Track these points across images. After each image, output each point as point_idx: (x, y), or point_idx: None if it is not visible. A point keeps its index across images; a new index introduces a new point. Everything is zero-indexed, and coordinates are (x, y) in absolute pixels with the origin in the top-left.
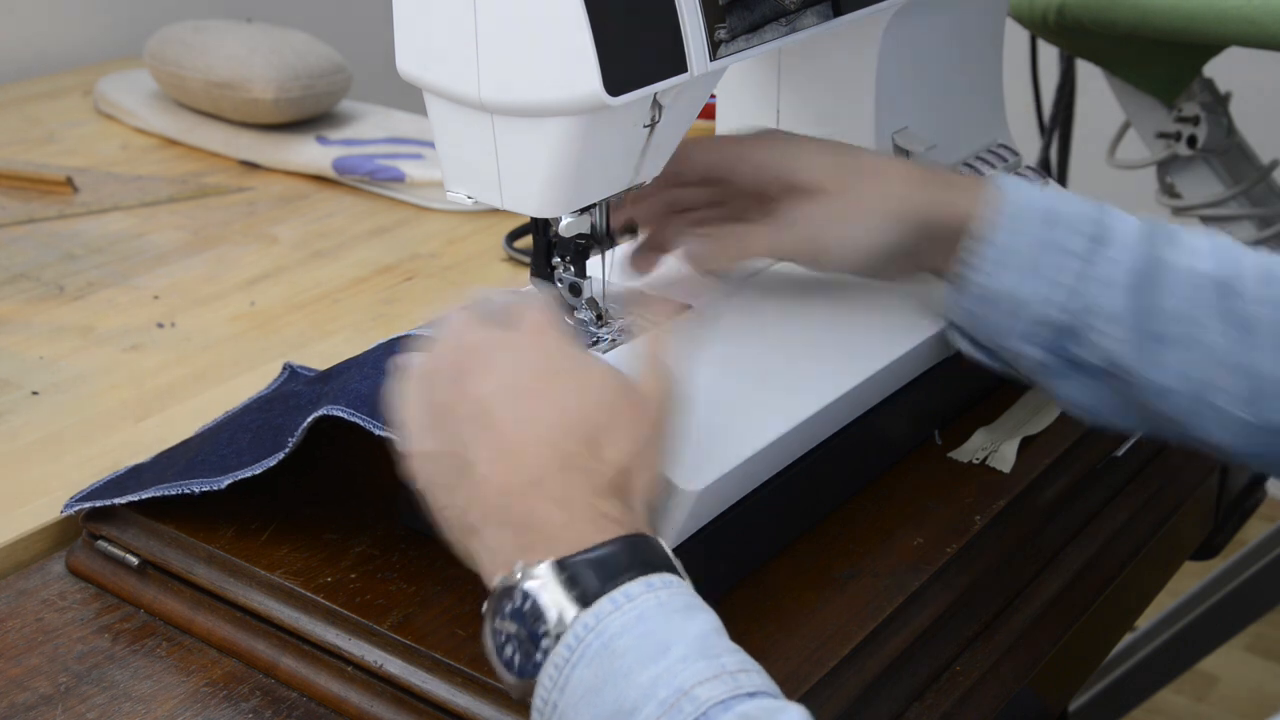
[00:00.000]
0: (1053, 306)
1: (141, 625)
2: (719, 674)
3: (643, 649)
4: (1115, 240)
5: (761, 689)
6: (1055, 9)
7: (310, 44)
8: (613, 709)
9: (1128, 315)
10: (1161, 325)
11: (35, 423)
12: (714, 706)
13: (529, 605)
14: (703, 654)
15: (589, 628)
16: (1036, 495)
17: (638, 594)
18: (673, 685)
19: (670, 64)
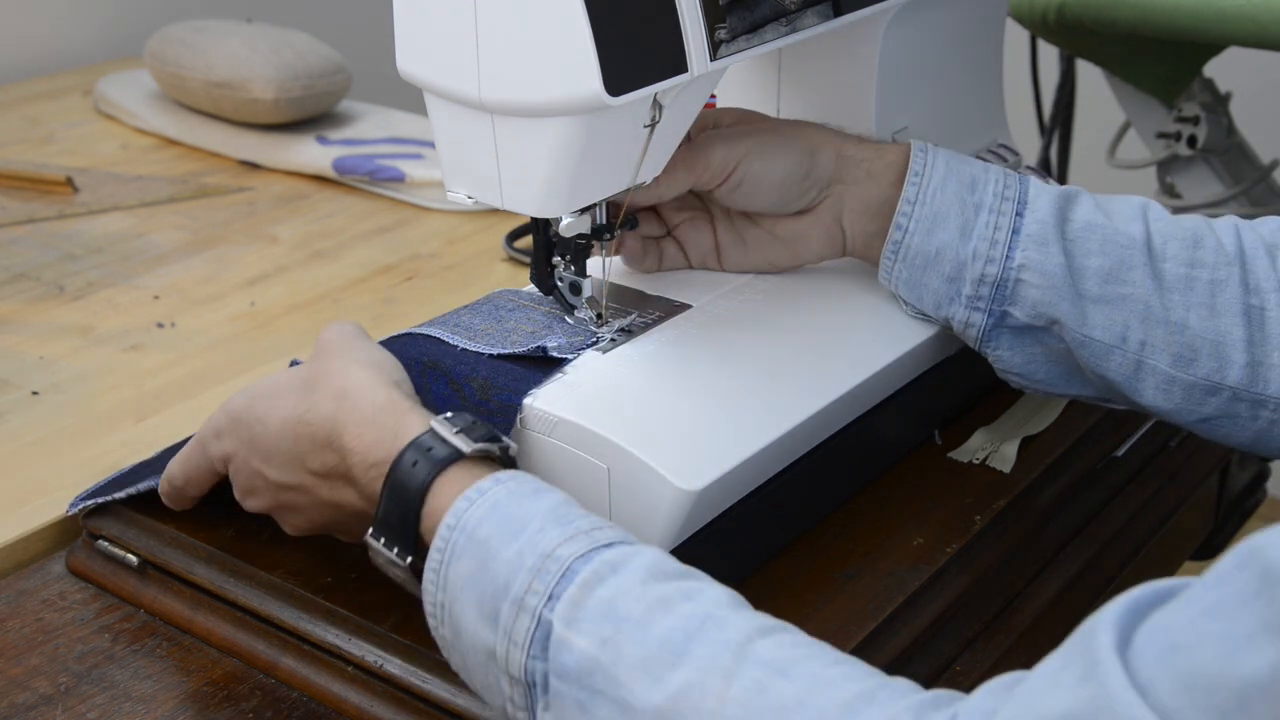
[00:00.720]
0: (991, 263)
1: (141, 625)
2: (574, 534)
3: (504, 530)
4: (1038, 204)
5: (616, 539)
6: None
7: (310, 44)
8: (491, 588)
9: (1060, 272)
10: (1093, 285)
11: (35, 423)
12: (576, 560)
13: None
14: (557, 521)
15: (451, 527)
16: (1036, 495)
17: (488, 488)
18: (536, 552)
19: (670, 64)
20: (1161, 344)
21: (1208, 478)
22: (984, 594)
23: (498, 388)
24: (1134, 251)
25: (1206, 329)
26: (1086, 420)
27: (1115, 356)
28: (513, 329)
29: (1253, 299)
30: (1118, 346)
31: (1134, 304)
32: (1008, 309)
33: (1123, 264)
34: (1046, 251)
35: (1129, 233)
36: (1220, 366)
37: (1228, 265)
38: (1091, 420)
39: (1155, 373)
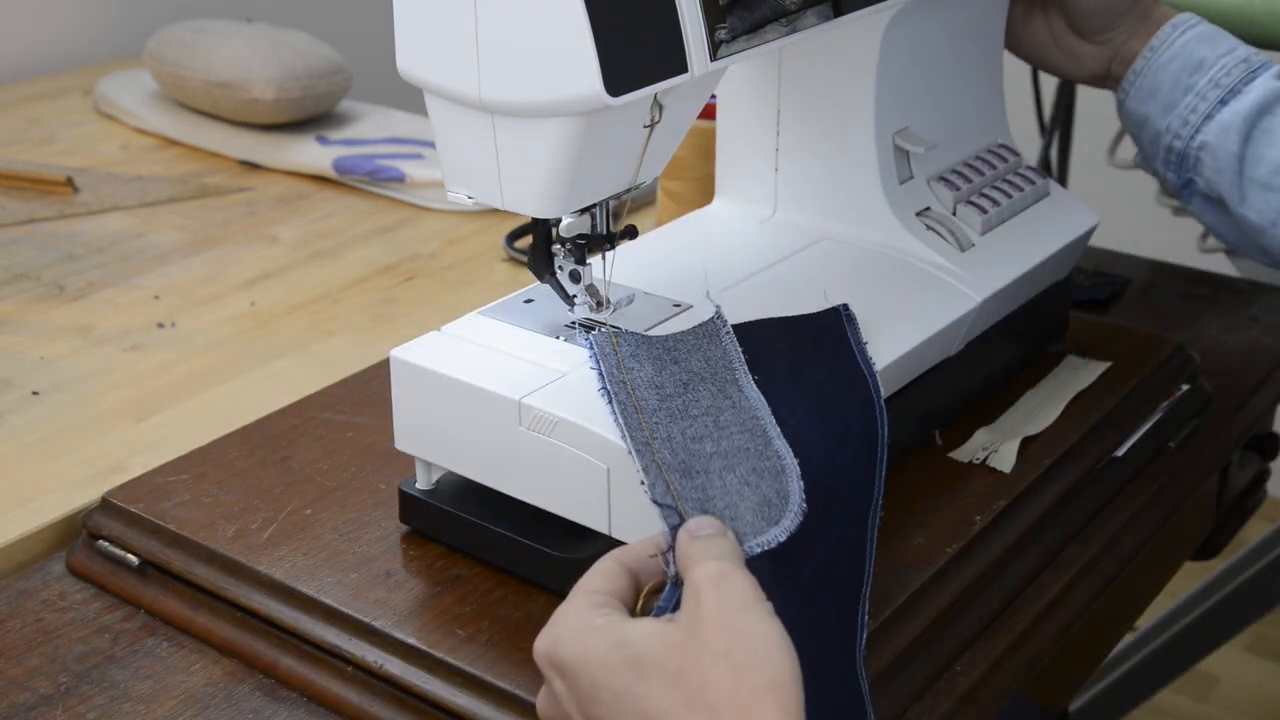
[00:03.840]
0: (1179, 138)
1: (141, 625)
2: None
3: None
4: (1246, 98)
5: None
6: None
7: (310, 44)
8: None
9: (1228, 156)
10: (1264, 173)
11: (35, 423)
12: None
13: None
14: None
15: None
16: (1036, 495)
17: None
18: None
19: (670, 64)
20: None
21: (1208, 478)
22: (984, 594)
23: None
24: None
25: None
26: (1086, 420)
27: (1268, 236)
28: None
29: None
30: (1268, 229)
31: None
32: (1192, 177)
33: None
34: (1226, 138)
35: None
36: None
37: None
38: (1091, 420)
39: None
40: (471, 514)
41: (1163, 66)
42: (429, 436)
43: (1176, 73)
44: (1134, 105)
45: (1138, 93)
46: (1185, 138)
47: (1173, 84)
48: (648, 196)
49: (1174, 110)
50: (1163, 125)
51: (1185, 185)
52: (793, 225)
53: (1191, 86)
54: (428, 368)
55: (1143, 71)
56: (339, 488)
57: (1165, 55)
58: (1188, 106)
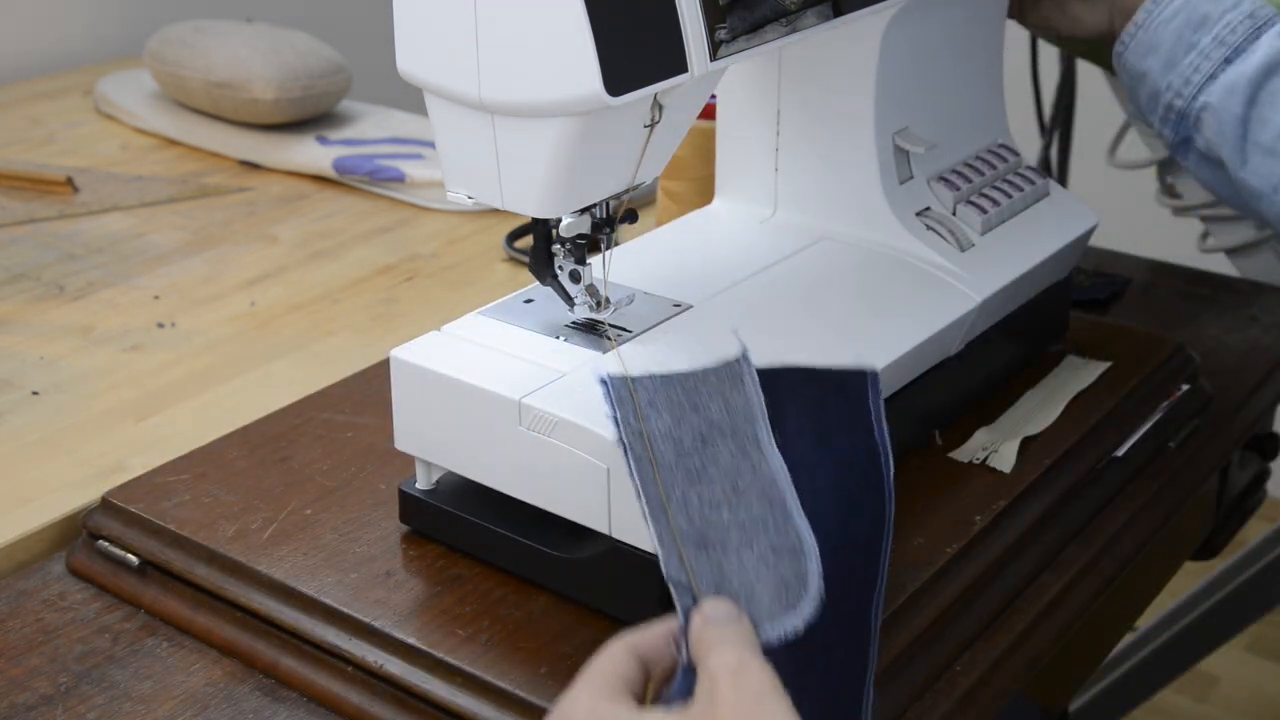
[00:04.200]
0: (1180, 97)
1: (141, 625)
2: None
3: None
4: (1251, 58)
5: None
6: None
7: (310, 44)
8: None
9: (1231, 119)
10: (1268, 137)
11: (35, 423)
12: None
13: None
14: None
15: None
16: (1036, 495)
17: None
18: None
19: (670, 64)
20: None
21: (1208, 478)
22: (984, 594)
23: None
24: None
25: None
26: (1086, 420)
27: (1266, 201)
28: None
29: None
30: (1268, 194)
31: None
32: (1190, 135)
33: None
34: (1230, 99)
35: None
36: None
37: None
38: (1091, 420)
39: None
40: (471, 514)
41: (1165, 22)
42: (429, 436)
43: (1179, 29)
44: (1133, 60)
45: (1138, 47)
46: (1187, 97)
47: (1174, 40)
48: (648, 196)
49: (1175, 68)
50: (1163, 83)
51: (1182, 143)
52: (793, 225)
53: (1194, 44)
54: (428, 368)
55: (1144, 25)
56: (339, 488)
57: (1168, 9)
58: (1190, 65)
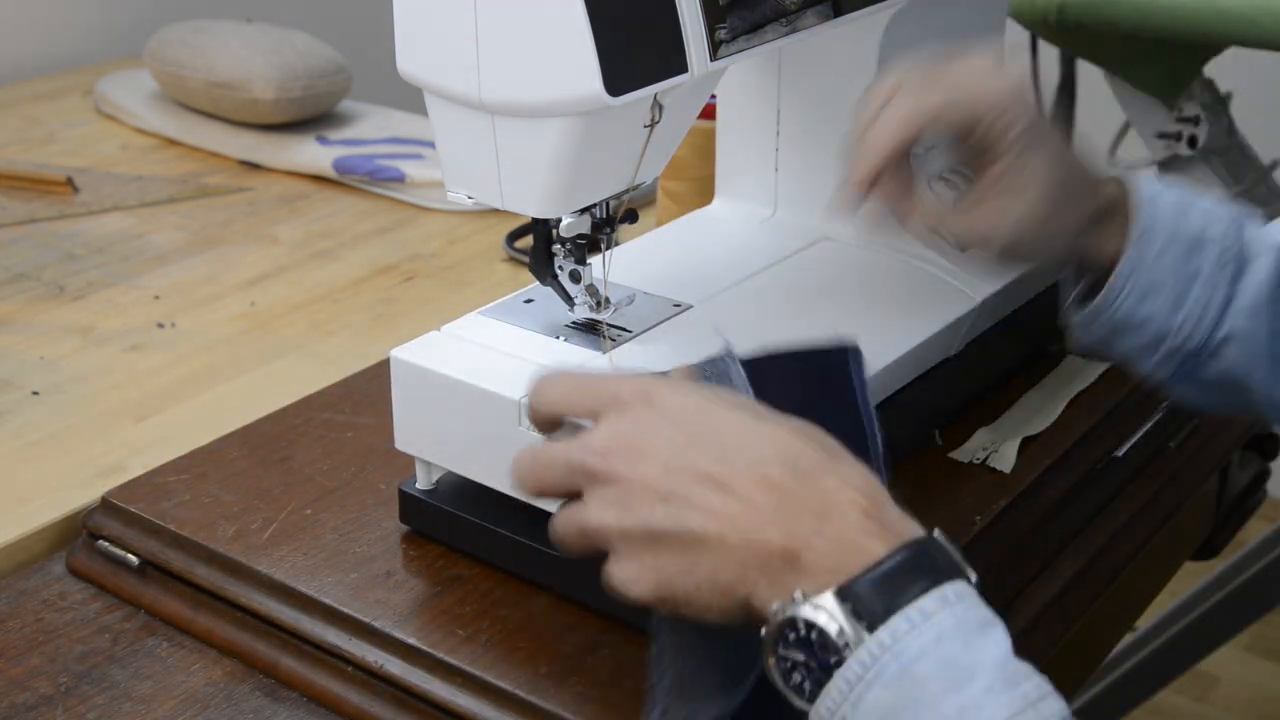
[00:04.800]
0: (1194, 337)
1: (141, 625)
2: (1024, 708)
3: (945, 676)
4: (1256, 265)
5: (1060, 715)
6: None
7: (311, 44)
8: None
9: (1262, 341)
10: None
11: (35, 423)
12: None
13: (815, 635)
14: (1006, 684)
15: (885, 647)
16: (1036, 495)
17: (933, 611)
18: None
19: (670, 64)
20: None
21: (1208, 478)
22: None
23: None
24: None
25: None
26: (1086, 420)
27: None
28: None
29: None
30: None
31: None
32: (1199, 367)
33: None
34: (1255, 324)
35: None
36: None
37: None
38: (1091, 420)
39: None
40: (471, 514)
41: (1159, 256)
42: (429, 436)
43: (1176, 261)
44: (1129, 310)
45: (1133, 294)
46: (1204, 331)
47: (1175, 274)
48: (648, 196)
49: (1183, 305)
50: (1171, 324)
51: (1185, 377)
52: (793, 225)
53: (1197, 272)
54: (428, 368)
55: (1136, 269)
56: (339, 488)
57: (1158, 243)
58: (1200, 297)
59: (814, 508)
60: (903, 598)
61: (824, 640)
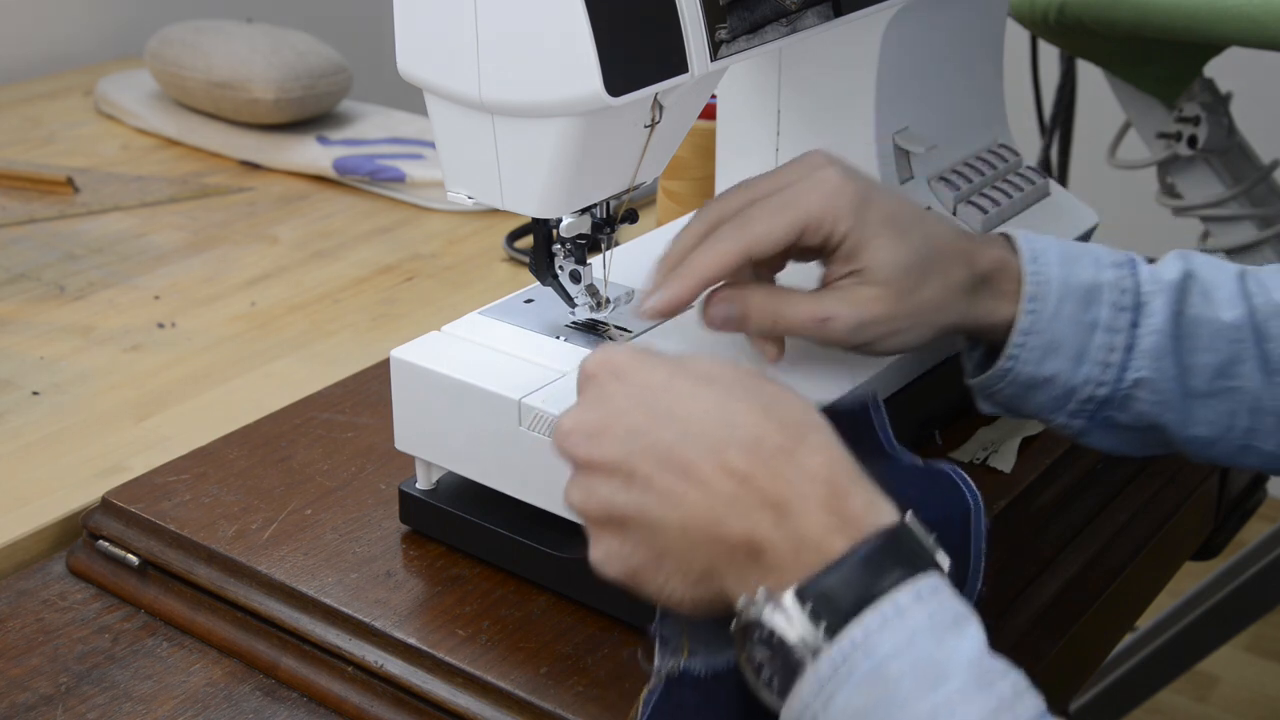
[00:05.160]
0: (1102, 386)
1: (141, 625)
2: (998, 708)
3: (918, 676)
4: (1153, 307)
5: (1035, 712)
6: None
7: (311, 44)
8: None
9: (1169, 381)
10: (1199, 381)
11: (35, 423)
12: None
13: (776, 640)
14: (980, 684)
15: (856, 644)
16: (1036, 495)
17: (907, 606)
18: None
19: (671, 64)
20: (1270, 429)
21: (1208, 478)
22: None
23: None
24: (1244, 344)
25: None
26: None
27: (1219, 446)
28: None
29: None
30: (1222, 437)
31: (1242, 396)
32: (1112, 414)
33: (1233, 359)
34: (1160, 366)
35: (1235, 321)
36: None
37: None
38: None
39: (1260, 453)
40: (471, 514)
41: (1055, 313)
42: (429, 436)
43: (1073, 315)
44: (1030, 370)
45: (1033, 355)
46: (1111, 381)
47: (1074, 328)
48: (648, 196)
49: (1086, 358)
50: (1077, 378)
51: (1098, 427)
52: None
53: (1095, 322)
54: (428, 368)
55: (1033, 329)
56: (339, 488)
57: (1052, 299)
58: (1102, 347)
59: (772, 499)
60: (872, 591)
61: (784, 645)
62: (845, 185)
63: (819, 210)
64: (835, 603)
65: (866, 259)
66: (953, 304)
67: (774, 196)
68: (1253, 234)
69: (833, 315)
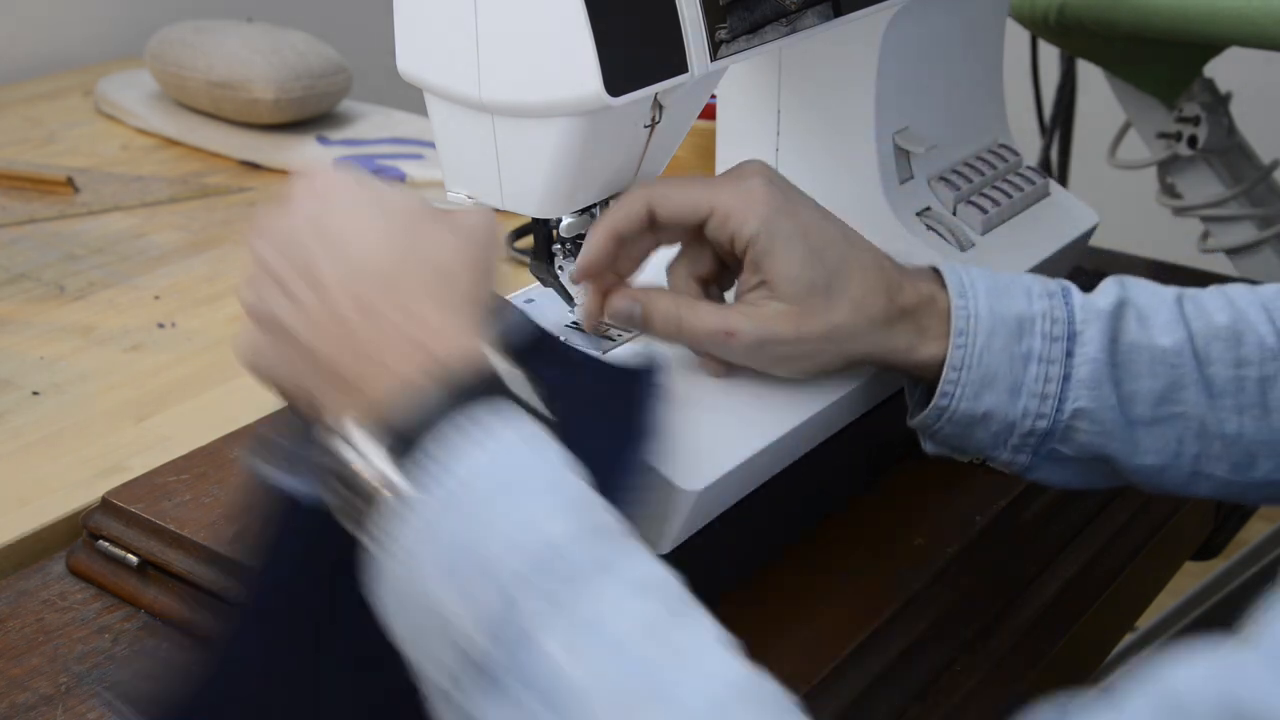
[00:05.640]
0: (1041, 419)
1: (141, 625)
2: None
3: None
4: (1086, 335)
5: None
6: (1056, 9)
7: (311, 44)
8: (473, 557)
9: (1110, 410)
10: (1141, 409)
11: (35, 423)
12: None
13: (347, 473)
14: (569, 506)
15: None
16: (1036, 495)
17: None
18: (538, 539)
19: (671, 64)
20: (1218, 454)
21: None
22: (984, 594)
23: None
24: (1184, 369)
25: (1262, 431)
26: None
27: (1169, 473)
28: None
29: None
30: (1171, 464)
31: (1187, 421)
32: (1055, 447)
33: (1174, 384)
34: (1099, 394)
35: (1174, 346)
36: None
37: (1273, 360)
38: None
39: (1212, 479)
40: None
41: (986, 347)
42: None
43: (1004, 347)
44: (967, 407)
45: (968, 390)
46: (1049, 413)
47: (1008, 361)
48: None
49: (1022, 390)
50: (1014, 412)
51: (1044, 461)
52: None
53: (1029, 354)
54: None
55: (965, 364)
56: None
57: (981, 334)
58: (1037, 378)
59: (379, 352)
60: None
61: (354, 482)
62: (764, 190)
63: (728, 202)
64: (405, 433)
65: (770, 269)
66: (865, 333)
67: (696, 179)
68: (1253, 234)
69: (736, 330)
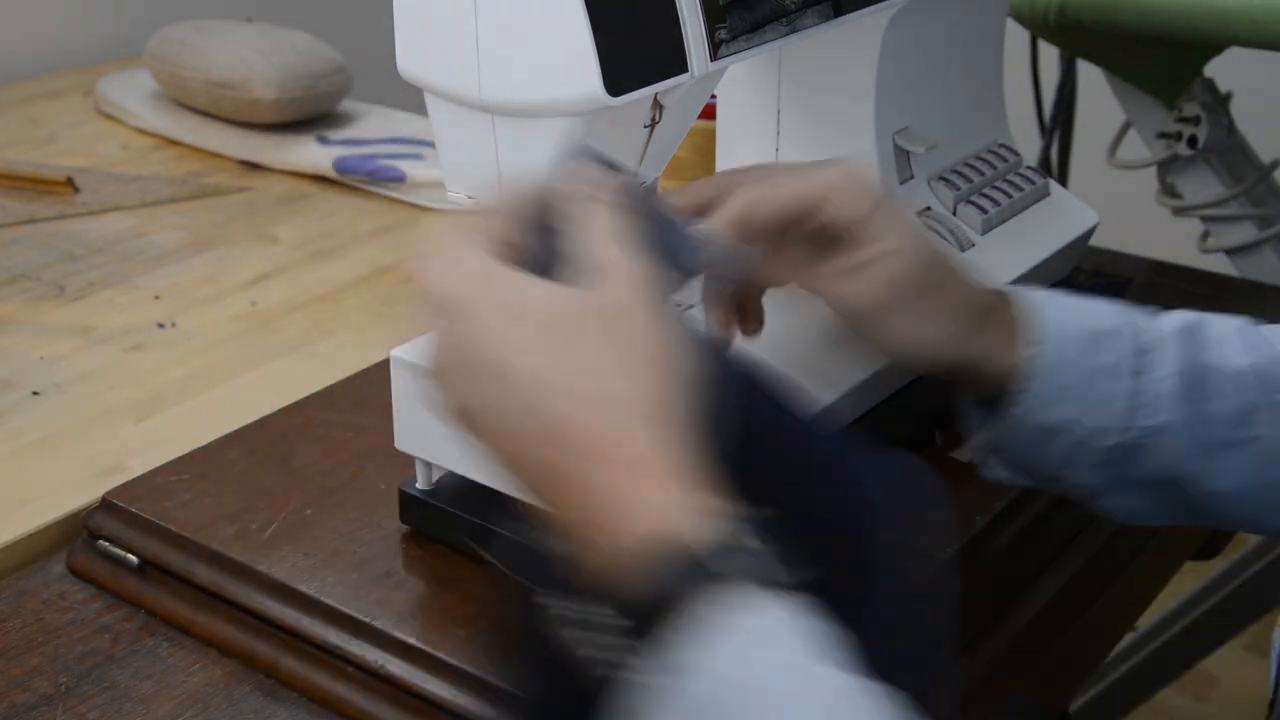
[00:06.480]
0: (1112, 434)
1: (141, 625)
2: None
3: None
4: (1158, 353)
5: None
6: (1056, 9)
7: (311, 44)
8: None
9: (1184, 428)
10: (1217, 431)
11: (35, 423)
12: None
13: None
14: None
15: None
16: (1036, 495)
17: None
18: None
19: (671, 64)
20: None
21: None
22: (984, 594)
23: None
24: (1257, 393)
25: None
26: None
27: (1248, 500)
28: None
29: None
30: (1248, 490)
31: (1263, 445)
32: (1129, 467)
33: (1249, 406)
34: (1176, 412)
35: (1245, 368)
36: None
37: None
38: None
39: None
40: (471, 514)
41: (1060, 360)
42: (429, 436)
43: (1077, 358)
44: (1036, 417)
45: (1036, 402)
46: (1125, 429)
47: (1084, 376)
48: None
49: (1095, 407)
50: (1088, 427)
51: (1112, 485)
52: None
53: (1100, 368)
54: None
55: (1036, 375)
56: (339, 488)
57: (1053, 343)
58: (1109, 394)
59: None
60: None
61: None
62: (867, 178)
63: (837, 182)
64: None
65: (878, 249)
66: (951, 325)
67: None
68: (1253, 234)
69: (847, 304)
